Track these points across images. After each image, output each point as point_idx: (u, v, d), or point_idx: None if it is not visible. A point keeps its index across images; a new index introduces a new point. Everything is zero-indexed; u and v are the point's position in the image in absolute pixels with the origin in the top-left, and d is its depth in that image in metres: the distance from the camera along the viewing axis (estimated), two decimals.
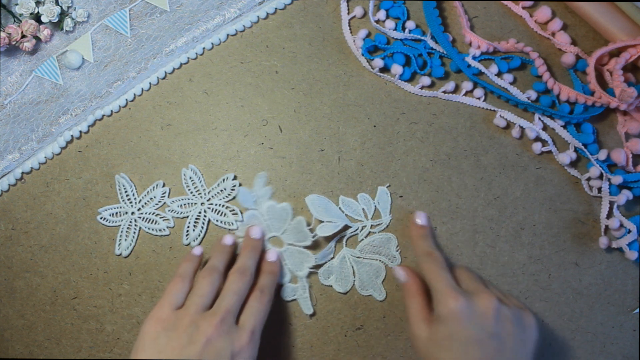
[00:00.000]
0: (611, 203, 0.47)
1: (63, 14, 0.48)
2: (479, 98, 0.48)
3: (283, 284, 0.47)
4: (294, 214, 0.47)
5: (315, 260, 0.46)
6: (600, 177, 0.47)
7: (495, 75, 0.48)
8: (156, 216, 0.48)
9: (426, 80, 0.48)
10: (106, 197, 0.48)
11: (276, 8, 0.49)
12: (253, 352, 0.40)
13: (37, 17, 0.48)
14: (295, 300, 0.47)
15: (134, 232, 0.48)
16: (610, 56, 0.48)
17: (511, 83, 0.48)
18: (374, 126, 0.48)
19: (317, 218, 0.46)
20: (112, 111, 0.49)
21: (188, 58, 0.49)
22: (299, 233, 0.46)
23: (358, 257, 0.47)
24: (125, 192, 0.48)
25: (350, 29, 0.49)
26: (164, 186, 0.48)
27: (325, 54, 0.49)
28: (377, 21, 0.49)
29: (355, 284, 0.47)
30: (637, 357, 0.47)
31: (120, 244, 0.48)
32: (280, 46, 0.49)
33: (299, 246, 0.46)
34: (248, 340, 0.39)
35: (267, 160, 0.48)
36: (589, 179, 0.47)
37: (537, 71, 0.48)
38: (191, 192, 0.48)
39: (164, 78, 0.49)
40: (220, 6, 0.49)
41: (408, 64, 0.49)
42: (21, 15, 0.48)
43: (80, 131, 0.48)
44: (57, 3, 0.48)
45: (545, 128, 0.48)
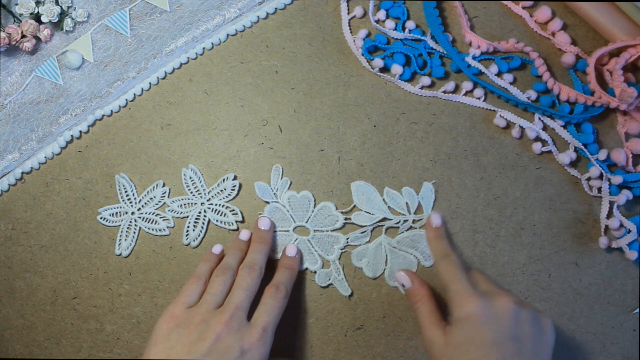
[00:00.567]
0: (611, 203, 0.47)
1: (63, 14, 0.48)
2: (479, 98, 0.48)
3: (315, 272, 0.47)
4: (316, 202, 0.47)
5: (347, 241, 0.47)
6: (600, 177, 0.47)
7: (495, 75, 0.48)
8: (156, 216, 0.48)
9: (426, 80, 0.48)
10: (106, 197, 0.48)
11: (276, 8, 0.49)
12: (264, 350, 0.39)
13: (37, 17, 0.48)
14: (331, 285, 0.47)
15: (134, 232, 0.48)
16: (610, 56, 0.48)
17: (511, 83, 0.48)
18: (374, 126, 0.48)
19: (358, 205, 0.47)
20: (112, 111, 0.49)
21: (188, 58, 0.49)
22: (326, 218, 0.47)
23: (394, 248, 0.47)
24: (125, 192, 0.48)
25: (350, 29, 0.49)
26: (164, 186, 0.48)
27: (325, 54, 0.49)
28: (377, 21, 0.49)
29: (385, 273, 0.47)
30: (637, 357, 0.47)
31: (120, 244, 0.48)
32: (280, 46, 0.49)
33: (327, 231, 0.47)
34: (258, 337, 0.39)
35: (267, 160, 0.48)
36: (589, 179, 0.47)
37: (537, 71, 0.48)
38: (191, 192, 0.48)
39: (164, 78, 0.49)
40: (220, 6, 0.49)
41: (408, 64, 0.49)
42: (21, 15, 0.48)
43: (80, 131, 0.48)
44: (57, 3, 0.48)
45: (545, 128, 0.48)
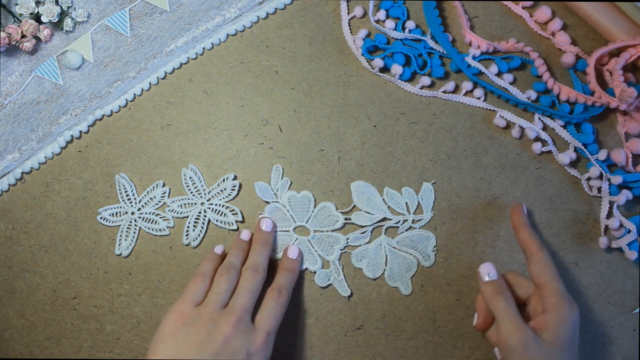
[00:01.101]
0: (611, 203, 0.47)
1: (63, 14, 0.48)
2: (479, 98, 0.48)
3: (315, 272, 0.47)
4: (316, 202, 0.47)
5: (347, 241, 0.47)
6: (600, 177, 0.47)
7: (495, 75, 0.48)
8: (156, 216, 0.48)
9: (426, 80, 0.48)
10: (106, 197, 0.48)
11: (276, 8, 0.49)
12: (267, 354, 0.40)
13: (37, 17, 0.48)
14: (330, 285, 0.47)
15: (134, 232, 0.48)
16: (610, 56, 0.48)
17: (511, 83, 0.48)
18: (374, 126, 0.48)
19: (358, 206, 0.47)
20: (112, 111, 0.49)
21: (188, 58, 0.49)
22: (326, 218, 0.47)
23: (394, 248, 0.47)
24: (125, 192, 0.48)
25: (350, 29, 0.49)
26: (164, 186, 0.48)
27: (325, 54, 0.49)
28: (377, 21, 0.49)
29: (384, 273, 0.47)
30: (637, 357, 0.47)
31: (120, 244, 0.48)
32: (280, 46, 0.49)
33: (327, 231, 0.47)
34: (263, 341, 0.40)
35: (267, 160, 0.48)
36: (589, 179, 0.47)
37: (537, 71, 0.47)
38: (191, 192, 0.48)
39: (164, 78, 0.49)
40: (220, 6, 0.49)
41: (408, 64, 0.49)
42: (21, 15, 0.48)
43: (80, 131, 0.48)
44: (57, 3, 0.48)
45: (545, 128, 0.48)
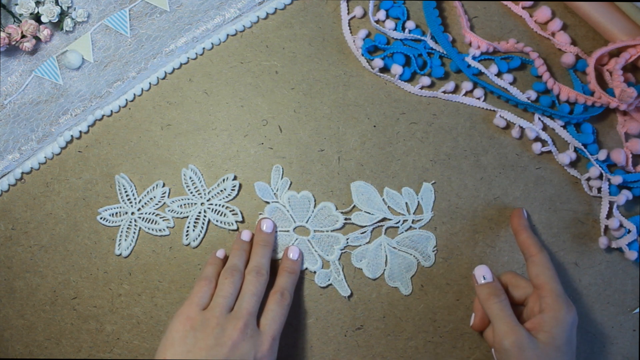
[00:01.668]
0: (611, 203, 0.47)
1: (63, 14, 0.48)
2: (479, 98, 0.48)
3: (315, 272, 0.47)
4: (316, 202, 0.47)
5: (347, 241, 0.47)
6: (600, 177, 0.47)
7: (495, 75, 0.48)
8: (156, 216, 0.48)
9: (426, 80, 0.48)
10: (106, 197, 0.48)
11: (276, 8, 0.49)
12: (273, 358, 0.41)
13: (37, 17, 0.48)
14: (330, 285, 0.47)
15: (134, 232, 0.48)
16: (610, 56, 0.48)
17: (511, 83, 0.48)
18: (374, 126, 0.48)
19: (358, 206, 0.47)
20: (112, 111, 0.49)
21: (188, 58, 0.49)
22: (326, 218, 0.47)
23: (394, 248, 0.47)
24: (125, 192, 0.48)
25: (350, 29, 0.49)
26: (164, 186, 0.48)
27: (325, 54, 0.49)
28: (377, 21, 0.49)
29: (384, 273, 0.47)
30: (637, 357, 0.47)
31: (120, 244, 0.48)
32: (280, 46, 0.49)
33: (327, 231, 0.47)
34: (269, 346, 0.41)
35: (267, 160, 0.48)
36: (589, 179, 0.47)
37: (537, 71, 0.47)
38: (191, 192, 0.48)
39: (164, 78, 0.49)
40: (220, 6, 0.49)
41: (408, 64, 0.49)
42: (21, 15, 0.48)
43: (80, 131, 0.48)
44: (57, 3, 0.48)
45: (545, 128, 0.48)
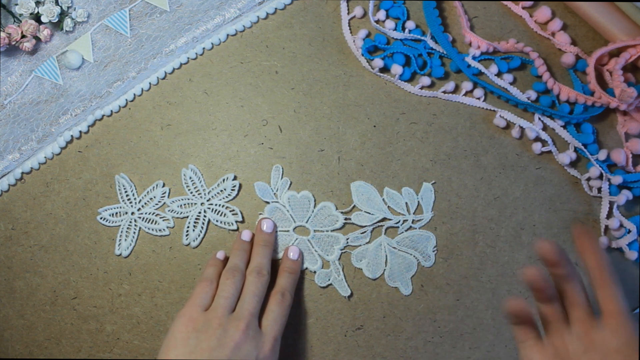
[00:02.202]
0: (611, 203, 0.47)
1: (63, 14, 0.48)
2: (479, 98, 0.48)
3: (315, 272, 0.47)
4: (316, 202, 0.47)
5: (347, 241, 0.47)
6: (600, 177, 0.47)
7: (495, 75, 0.48)
8: (156, 216, 0.48)
9: (426, 80, 0.48)
10: (106, 197, 0.48)
11: (276, 8, 0.49)
12: (274, 359, 0.41)
13: (37, 17, 0.48)
14: (330, 285, 0.47)
15: (134, 232, 0.48)
16: (610, 56, 0.48)
17: (511, 83, 0.48)
18: (374, 126, 0.48)
19: (358, 206, 0.47)
20: (112, 111, 0.49)
21: (188, 58, 0.49)
22: (326, 218, 0.47)
23: (394, 248, 0.47)
24: (125, 192, 0.48)
25: (350, 29, 0.49)
26: (164, 186, 0.48)
27: (325, 54, 0.49)
28: (377, 21, 0.49)
29: (384, 273, 0.47)
30: (637, 357, 0.47)
31: (120, 244, 0.48)
32: (280, 46, 0.49)
33: (327, 231, 0.47)
34: (271, 347, 0.41)
35: (267, 160, 0.48)
36: (589, 179, 0.47)
37: (537, 71, 0.47)
38: (191, 192, 0.48)
39: (164, 78, 0.49)
40: (220, 6, 0.49)
41: (408, 64, 0.49)
42: (21, 15, 0.48)
43: (80, 131, 0.48)
44: (57, 3, 0.48)
45: (545, 128, 0.48)
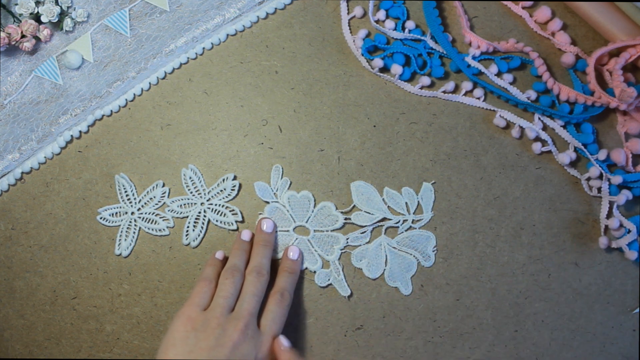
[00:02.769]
0: (611, 203, 0.47)
1: (63, 14, 0.48)
2: (479, 98, 0.48)
3: (315, 272, 0.47)
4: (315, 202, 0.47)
5: (347, 241, 0.47)
6: (600, 177, 0.47)
7: (495, 75, 0.48)
8: (156, 216, 0.48)
9: (426, 80, 0.48)
10: (106, 197, 0.48)
11: (276, 8, 0.49)
12: (273, 359, 0.41)
13: (37, 17, 0.48)
14: (330, 285, 0.47)
15: (134, 232, 0.48)
16: (610, 56, 0.48)
17: (511, 83, 0.48)
18: (374, 126, 0.48)
19: (357, 205, 0.47)
20: (112, 111, 0.49)
21: (188, 58, 0.49)
22: (326, 218, 0.47)
23: (394, 248, 0.47)
24: (125, 192, 0.48)
25: (350, 29, 0.49)
26: (164, 186, 0.48)
27: (325, 54, 0.49)
28: (377, 21, 0.49)
29: (384, 273, 0.47)
30: (637, 357, 0.47)
31: (120, 244, 0.48)
32: (280, 46, 0.49)
33: (327, 230, 0.47)
34: (269, 347, 0.41)
35: (267, 160, 0.48)
36: (589, 179, 0.47)
37: (537, 71, 0.47)
38: (191, 192, 0.48)
39: (164, 78, 0.49)
40: (220, 6, 0.49)
41: (408, 64, 0.49)
42: (21, 15, 0.48)
43: (80, 131, 0.48)
44: (57, 3, 0.48)
45: (545, 128, 0.48)
